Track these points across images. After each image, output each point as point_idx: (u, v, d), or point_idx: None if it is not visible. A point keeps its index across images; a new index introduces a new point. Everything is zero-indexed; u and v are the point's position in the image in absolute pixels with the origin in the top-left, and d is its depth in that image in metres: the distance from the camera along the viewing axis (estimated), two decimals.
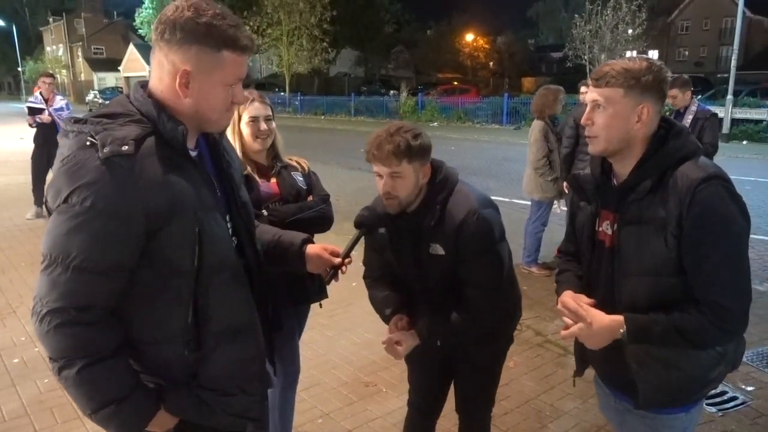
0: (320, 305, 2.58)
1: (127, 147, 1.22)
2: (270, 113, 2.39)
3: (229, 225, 1.48)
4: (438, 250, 1.95)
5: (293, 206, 2.36)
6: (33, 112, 7.52)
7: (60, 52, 62.05)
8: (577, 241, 1.85)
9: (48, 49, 64.88)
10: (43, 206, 1.30)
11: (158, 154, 1.27)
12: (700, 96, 19.04)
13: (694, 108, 5.04)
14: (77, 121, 1.29)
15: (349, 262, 1.75)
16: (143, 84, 1.38)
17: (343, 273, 1.76)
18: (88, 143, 1.22)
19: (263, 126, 2.33)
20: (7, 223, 7.38)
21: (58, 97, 7.75)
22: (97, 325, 1.27)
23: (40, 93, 7.60)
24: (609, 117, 1.57)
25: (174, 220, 1.27)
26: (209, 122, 1.39)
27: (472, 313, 1.97)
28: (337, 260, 1.73)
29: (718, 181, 1.48)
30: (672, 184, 1.51)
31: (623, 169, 1.63)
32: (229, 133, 2.19)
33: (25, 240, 6.64)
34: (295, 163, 2.55)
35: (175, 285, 1.32)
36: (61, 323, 1.24)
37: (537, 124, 5.23)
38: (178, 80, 1.29)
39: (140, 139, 1.25)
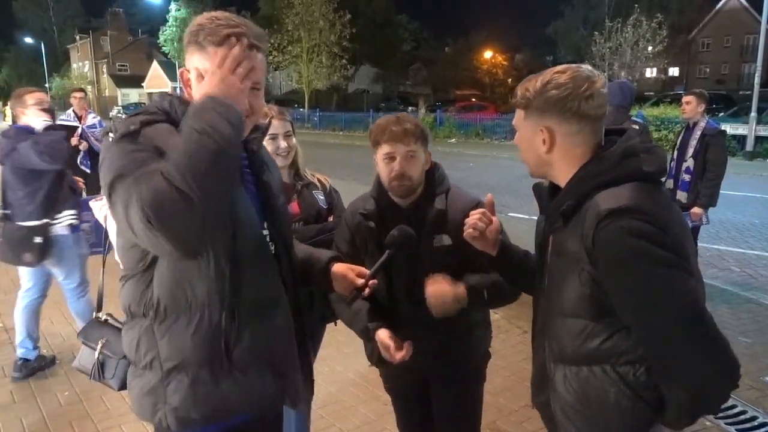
0: (335, 323, 2.57)
1: (133, 126, 1.29)
2: (290, 129, 2.38)
3: (267, 232, 1.53)
4: (444, 240, 1.93)
5: (314, 228, 2.34)
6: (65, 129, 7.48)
7: (86, 69, 63.53)
8: None
9: (74, 66, 66.53)
10: None
11: (175, 134, 1.30)
12: (722, 114, 18.86)
13: (703, 124, 4.98)
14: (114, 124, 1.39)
15: (374, 285, 1.70)
16: (166, 93, 1.48)
17: (365, 295, 1.71)
18: (110, 137, 1.33)
19: (283, 144, 2.33)
20: None
21: (91, 115, 7.51)
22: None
23: (73, 110, 7.39)
24: (520, 140, 1.46)
25: None
26: None
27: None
28: (360, 282, 1.68)
29: (631, 215, 1.22)
30: (584, 212, 1.30)
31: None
32: None
33: None
34: (316, 181, 2.54)
35: (213, 250, 1.34)
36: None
37: None
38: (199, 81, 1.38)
39: (147, 121, 1.31)
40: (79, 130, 7.26)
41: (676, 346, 1.21)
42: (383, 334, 1.92)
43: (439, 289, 1.86)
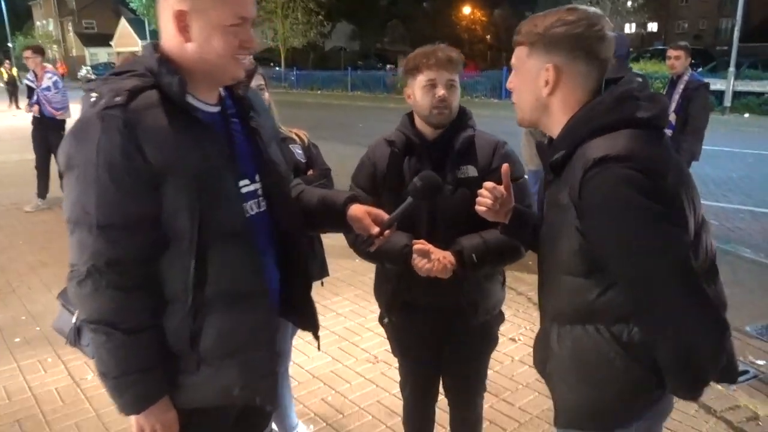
0: (322, 283, 2.53)
1: (119, 98, 1.21)
2: (262, 83, 2.29)
3: (258, 186, 1.45)
4: (470, 171, 1.91)
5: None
6: (30, 91, 6.85)
7: (50, 27, 61.00)
8: None
9: (38, 23, 63.78)
10: (45, 198, 1.30)
11: (159, 107, 1.25)
12: (701, 69, 18.92)
13: (686, 77, 4.93)
14: (89, 81, 1.32)
15: (390, 234, 1.57)
16: (155, 44, 1.35)
17: (379, 243, 1.58)
18: (92, 100, 1.24)
19: None
20: (4, 201, 7.28)
21: (47, 75, 6.82)
22: (137, 291, 1.27)
23: (33, 70, 6.86)
24: (518, 81, 1.36)
25: (171, 178, 1.24)
26: (218, 69, 1.32)
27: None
28: (376, 230, 1.53)
29: (619, 163, 1.15)
30: (575, 162, 1.23)
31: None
32: None
33: (24, 219, 6.56)
34: (294, 136, 2.47)
35: (175, 245, 1.29)
36: (100, 286, 1.24)
37: None
38: (176, 23, 1.26)
39: (136, 90, 1.23)
40: (35, 95, 6.71)
41: (659, 299, 1.16)
42: (419, 244, 1.86)
43: (425, 249, 1.84)
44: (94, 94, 1.24)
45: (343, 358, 3.50)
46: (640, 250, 1.16)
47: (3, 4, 52.14)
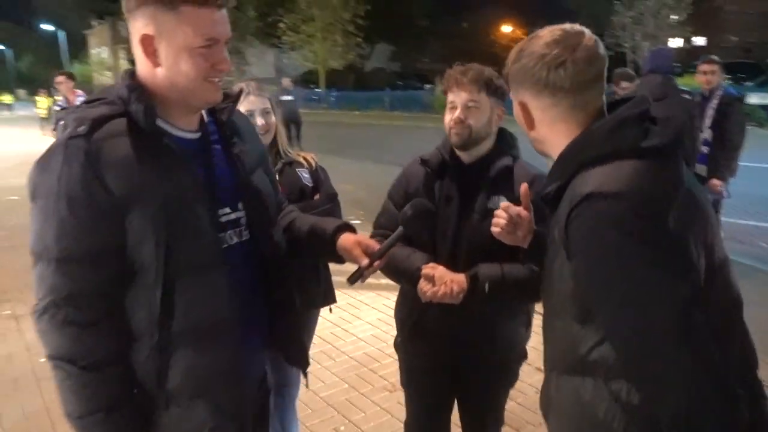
0: (330, 310, 2.45)
1: (82, 127, 1.18)
2: (268, 106, 2.26)
3: (241, 214, 1.40)
4: (501, 203, 1.78)
5: (296, 207, 2.23)
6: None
7: (104, 55, 63.89)
8: None
9: (93, 51, 66.93)
10: None
11: (126, 136, 1.21)
12: (749, 83, 18.22)
13: (720, 92, 4.69)
14: (64, 109, 1.30)
15: (379, 266, 1.49)
16: (131, 71, 1.31)
17: (367, 276, 1.50)
18: (60, 125, 1.22)
19: (260, 121, 2.21)
20: None
21: (78, 98, 7.12)
22: (97, 326, 1.21)
23: (65, 95, 7.25)
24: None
25: (135, 209, 1.19)
26: (190, 94, 1.27)
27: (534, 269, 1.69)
28: (364, 262, 1.45)
29: (608, 200, 1.01)
30: (566, 195, 1.12)
31: None
32: None
33: None
34: (302, 159, 2.43)
35: (140, 279, 1.23)
36: (58, 321, 1.19)
37: None
38: (143, 49, 1.22)
39: (101, 119, 1.20)
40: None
41: (650, 359, 1.01)
42: (428, 268, 1.78)
43: (432, 273, 1.75)
44: (62, 123, 1.21)
45: (359, 385, 3.39)
46: (625, 302, 1.01)
47: (63, 34, 55.07)
